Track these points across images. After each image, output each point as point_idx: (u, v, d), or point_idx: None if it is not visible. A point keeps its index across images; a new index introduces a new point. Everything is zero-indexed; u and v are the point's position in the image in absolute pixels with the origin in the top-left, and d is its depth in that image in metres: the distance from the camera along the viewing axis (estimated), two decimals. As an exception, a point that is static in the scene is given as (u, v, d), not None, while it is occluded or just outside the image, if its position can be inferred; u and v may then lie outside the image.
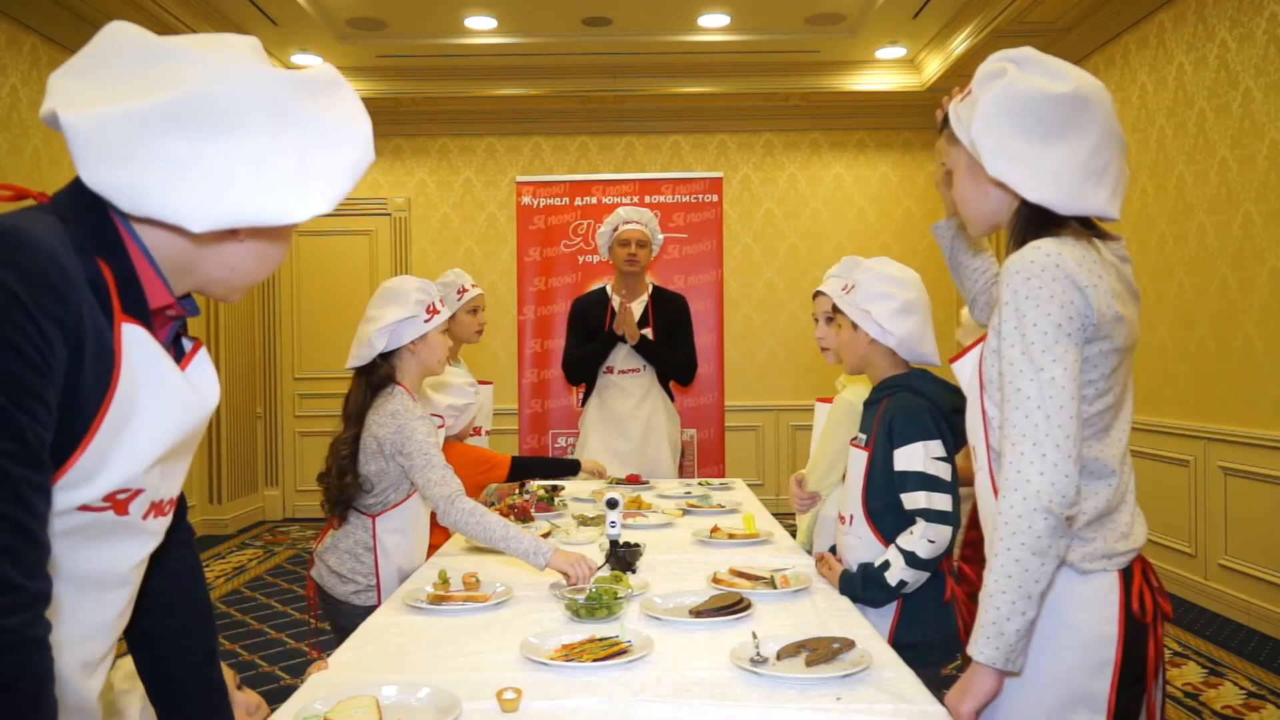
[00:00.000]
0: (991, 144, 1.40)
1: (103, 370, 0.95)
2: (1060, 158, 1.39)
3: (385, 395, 2.40)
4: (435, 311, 2.44)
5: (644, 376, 4.02)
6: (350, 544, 2.43)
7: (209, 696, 1.30)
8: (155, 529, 1.10)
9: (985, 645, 1.37)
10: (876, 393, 2.17)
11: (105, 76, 0.98)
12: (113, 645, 1.13)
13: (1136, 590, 1.42)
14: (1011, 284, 1.37)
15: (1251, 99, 4.36)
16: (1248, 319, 4.38)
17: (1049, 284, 1.35)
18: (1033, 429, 1.33)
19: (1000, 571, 1.35)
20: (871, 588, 2.02)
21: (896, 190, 7.53)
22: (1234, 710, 3.45)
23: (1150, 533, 5.08)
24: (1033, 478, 1.32)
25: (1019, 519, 1.33)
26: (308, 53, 6.62)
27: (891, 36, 6.40)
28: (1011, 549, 1.34)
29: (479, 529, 2.23)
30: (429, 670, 1.65)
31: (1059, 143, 1.39)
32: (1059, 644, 1.41)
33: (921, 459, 1.99)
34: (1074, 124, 1.40)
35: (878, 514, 2.08)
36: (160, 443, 1.02)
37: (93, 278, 0.95)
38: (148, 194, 0.94)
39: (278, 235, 1.11)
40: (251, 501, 7.32)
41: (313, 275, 7.51)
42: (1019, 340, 1.36)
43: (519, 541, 2.20)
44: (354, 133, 1.06)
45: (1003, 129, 1.40)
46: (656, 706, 1.47)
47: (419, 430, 2.32)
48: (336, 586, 2.43)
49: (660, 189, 5.39)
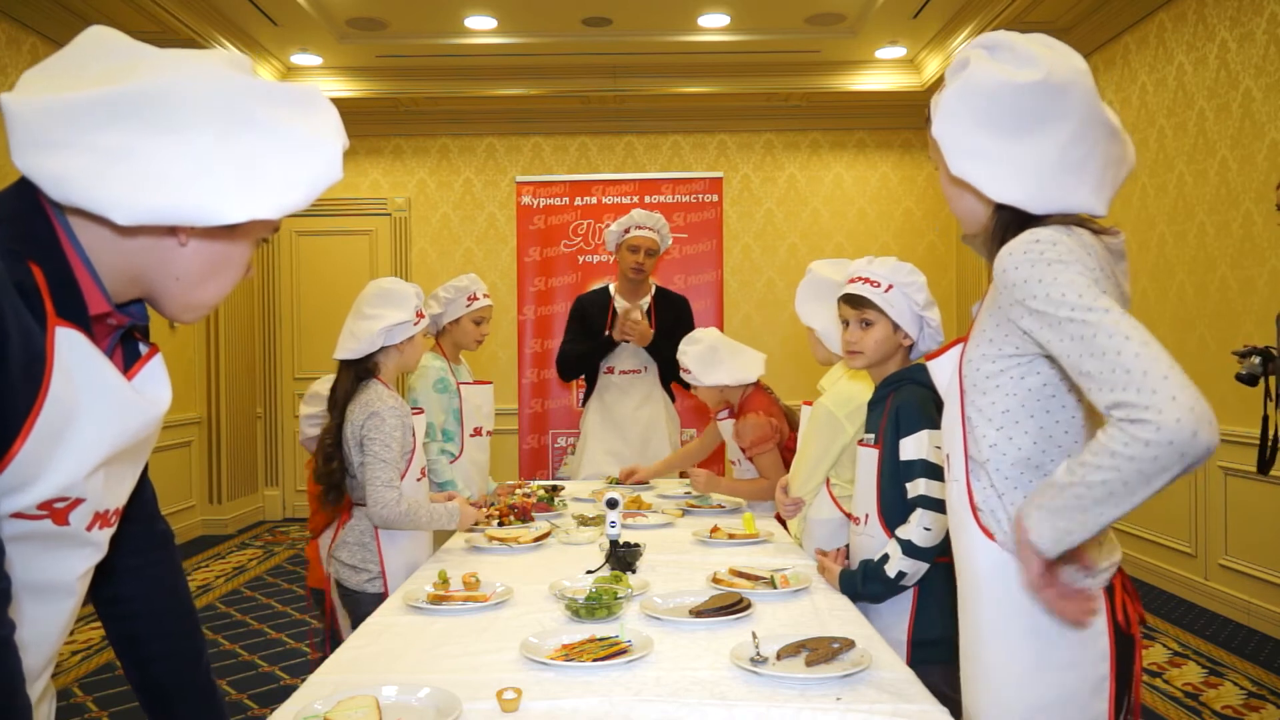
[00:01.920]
0: (953, 141, 1.31)
1: (33, 375, 0.91)
2: (1030, 152, 1.28)
3: (364, 387, 2.58)
4: (422, 316, 2.70)
5: (645, 377, 4.01)
6: (356, 535, 2.58)
7: (199, 697, 1.30)
8: (99, 540, 1.07)
9: (1042, 538, 1.19)
10: (881, 390, 2.17)
11: (68, 71, 0.96)
12: (52, 658, 1.11)
13: (1120, 603, 1.35)
14: (1014, 269, 1.24)
15: (1251, 99, 4.36)
16: (1248, 319, 4.38)
17: (1059, 252, 1.21)
18: (1135, 357, 1.11)
19: (1098, 480, 1.12)
20: (872, 582, 2.02)
21: (896, 190, 7.53)
22: (1234, 710, 3.45)
23: (1150, 533, 5.10)
24: (1179, 396, 1.08)
25: (1163, 441, 1.07)
26: (308, 53, 6.63)
27: (891, 36, 6.40)
28: (1123, 467, 1.09)
29: (410, 520, 2.49)
30: (429, 670, 1.65)
31: (1028, 136, 1.28)
32: (1055, 665, 1.32)
33: (926, 446, 2.00)
34: (1046, 113, 1.28)
35: (892, 511, 2.08)
36: (99, 450, 0.99)
37: (20, 280, 0.92)
38: (76, 182, 0.92)
39: (229, 244, 1.06)
40: (251, 501, 7.32)
41: (313, 275, 7.52)
42: (1059, 304, 1.17)
43: (439, 516, 2.56)
44: (321, 147, 1.02)
45: (964, 123, 1.30)
46: (656, 706, 1.47)
47: (385, 425, 2.48)
48: (350, 578, 2.57)
49: (660, 189, 5.39)
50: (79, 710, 3.56)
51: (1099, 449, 1.13)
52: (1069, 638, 1.32)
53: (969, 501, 1.37)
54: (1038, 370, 1.32)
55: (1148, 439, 1.08)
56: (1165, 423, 1.07)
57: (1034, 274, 1.21)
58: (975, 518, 1.36)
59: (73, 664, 4.03)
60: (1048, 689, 1.32)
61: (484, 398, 3.61)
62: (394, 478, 2.47)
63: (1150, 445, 1.08)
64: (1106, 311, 1.15)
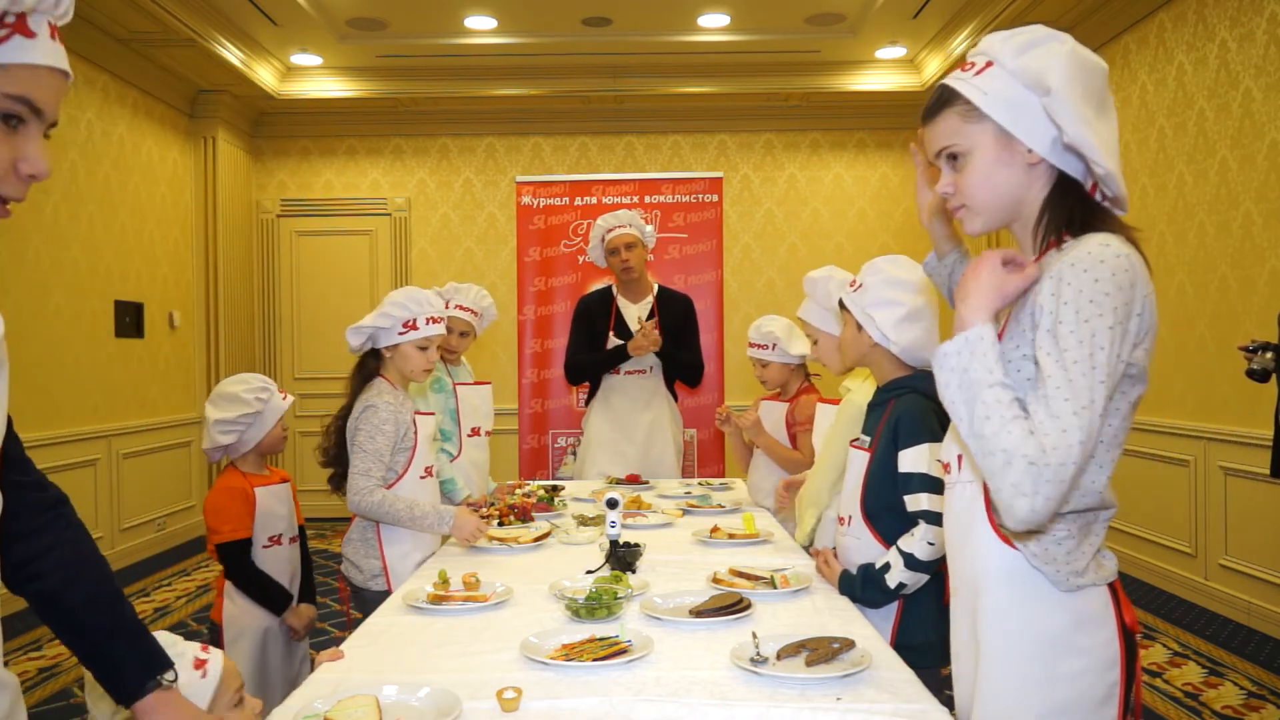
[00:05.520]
0: (1073, 106, 1.25)
1: None
2: (1110, 132, 1.30)
3: (368, 385, 2.64)
4: (413, 327, 2.65)
5: (650, 378, 4.01)
6: (359, 533, 2.60)
7: (130, 633, 1.29)
8: None
9: (946, 356, 1.27)
10: (882, 394, 2.17)
11: None
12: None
13: (1124, 603, 1.34)
14: (1071, 281, 1.21)
15: (1251, 99, 4.36)
16: (1248, 319, 4.38)
17: (1118, 283, 1.21)
18: (1067, 382, 1.18)
19: (983, 415, 1.21)
20: (871, 589, 2.02)
21: (896, 190, 7.53)
22: (1234, 710, 3.45)
23: (1150, 533, 5.10)
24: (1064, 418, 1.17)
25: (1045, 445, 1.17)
26: (308, 53, 6.63)
27: (891, 36, 6.40)
28: (1001, 437, 1.19)
29: (386, 513, 2.48)
30: (429, 670, 1.65)
31: (1108, 115, 1.31)
32: (1066, 674, 1.30)
33: (926, 461, 1.98)
34: (1110, 100, 1.32)
35: (876, 515, 2.08)
36: None
37: None
38: None
39: None
40: (251, 501, 7.31)
41: (313, 275, 7.52)
42: (1073, 346, 1.20)
43: (424, 517, 2.48)
44: None
45: (1077, 91, 1.26)
46: (656, 706, 1.47)
47: (375, 418, 2.53)
48: (356, 576, 2.60)
49: (660, 189, 5.39)
50: (79, 710, 3.56)
51: (1017, 412, 1.20)
52: (1080, 644, 1.30)
53: (984, 505, 1.34)
54: None
55: (1031, 456, 1.17)
56: (1051, 461, 1.17)
57: (1081, 299, 1.20)
58: (992, 524, 1.33)
59: (72, 664, 4.03)
60: (1058, 697, 1.30)
61: (482, 398, 3.61)
62: (371, 468, 2.49)
63: (1027, 459, 1.17)
64: (1093, 370, 1.19)
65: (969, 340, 1.26)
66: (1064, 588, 1.29)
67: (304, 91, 7.05)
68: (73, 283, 5.46)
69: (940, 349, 1.29)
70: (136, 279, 6.12)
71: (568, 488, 3.67)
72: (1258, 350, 3.43)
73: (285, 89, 7.02)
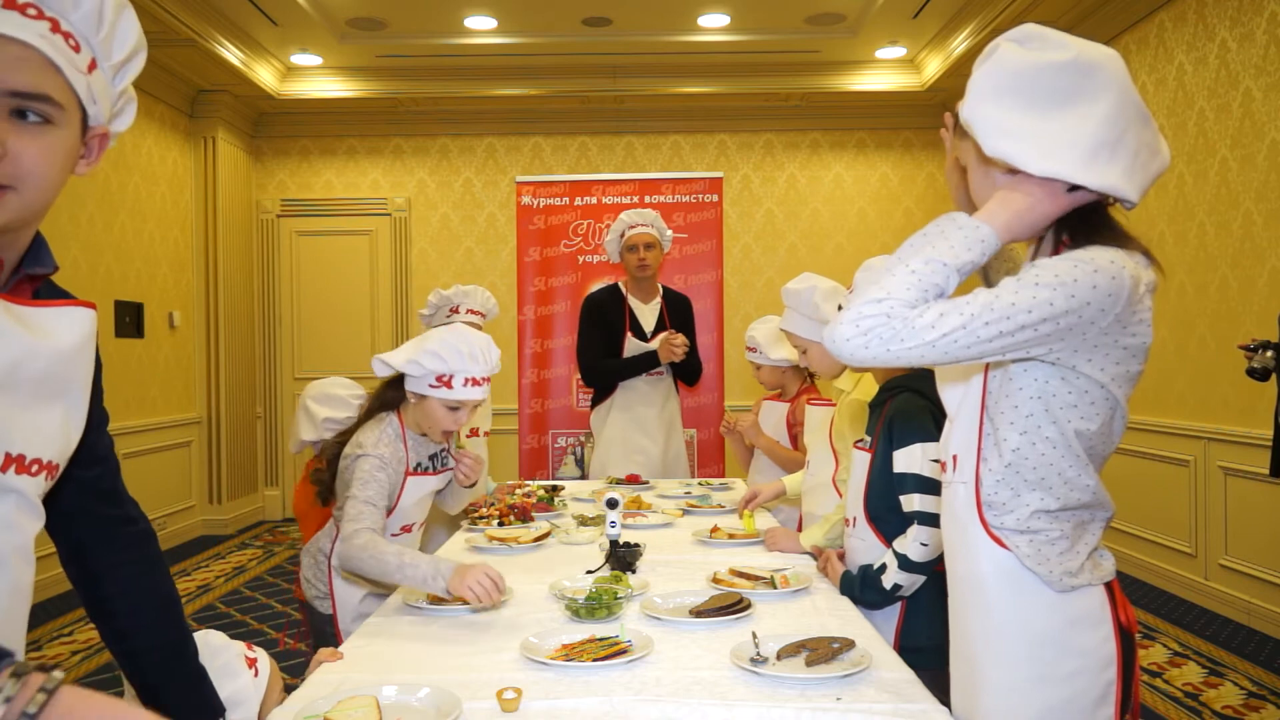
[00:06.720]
0: (987, 122, 1.27)
1: None
2: (1066, 127, 1.24)
3: (379, 417, 2.38)
4: (446, 384, 2.30)
5: (665, 378, 4.07)
6: (316, 549, 2.50)
7: (187, 684, 1.36)
8: (20, 487, 1.02)
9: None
10: (881, 394, 2.17)
11: None
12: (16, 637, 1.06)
13: (1120, 603, 1.34)
14: (1053, 263, 1.22)
15: (1251, 99, 4.36)
16: (1248, 319, 4.38)
17: (1092, 287, 1.20)
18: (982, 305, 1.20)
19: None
20: (869, 590, 2.03)
21: (896, 190, 7.53)
22: (1234, 710, 3.45)
23: (1150, 533, 5.09)
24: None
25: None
26: (308, 53, 6.63)
27: (891, 36, 6.40)
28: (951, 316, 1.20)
29: (374, 564, 2.01)
30: (429, 670, 1.65)
31: (1064, 111, 1.25)
32: (1061, 675, 1.30)
33: (919, 461, 1.98)
34: (1081, 91, 1.25)
35: (880, 516, 2.08)
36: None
37: None
38: None
39: None
40: (251, 501, 7.32)
41: (313, 275, 7.51)
42: (1033, 277, 1.21)
43: (415, 569, 1.95)
44: None
45: (999, 104, 1.26)
46: (656, 706, 1.47)
47: (365, 467, 2.23)
48: (307, 589, 2.51)
49: (660, 189, 5.39)
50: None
51: (927, 287, 1.21)
52: (1076, 646, 1.30)
53: (976, 506, 1.34)
54: (1063, 375, 1.29)
55: (897, 309, 1.20)
56: (903, 325, 1.19)
57: (1046, 272, 1.22)
58: (984, 524, 1.33)
59: (73, 664, 4.03)
60: (1054, 697, 1.30)
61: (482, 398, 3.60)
62: (362, 512, 2.14)
63: (892, 306, 1.20)
64: (1006, 317, 1.19)
65: (968, 223, 1.26)
66: (1058, 588, 1.29)
67: (304, 91, 7.05)
68: (72, 283, 5.46)
69: (949, 213, 1.29)
70: (136, 279, 6.12)
71: (568, 488, 3.67)
72: (1258, 349, 3.44)
73: (285, 89, 7.02)
